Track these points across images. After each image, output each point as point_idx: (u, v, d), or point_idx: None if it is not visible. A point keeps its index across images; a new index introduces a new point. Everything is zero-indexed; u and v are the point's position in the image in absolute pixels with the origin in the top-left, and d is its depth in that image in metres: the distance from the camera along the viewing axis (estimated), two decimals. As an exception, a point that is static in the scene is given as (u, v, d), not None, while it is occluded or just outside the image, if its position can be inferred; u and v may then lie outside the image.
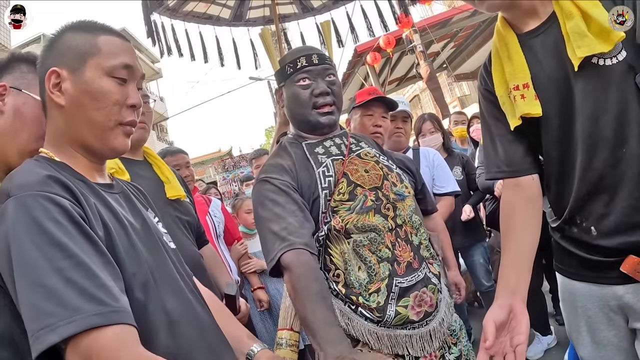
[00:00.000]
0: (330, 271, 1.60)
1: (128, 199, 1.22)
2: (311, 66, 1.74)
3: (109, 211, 1.06)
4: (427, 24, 12.36)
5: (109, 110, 1.09)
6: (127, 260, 1.01)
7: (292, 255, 1.45)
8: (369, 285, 1.53)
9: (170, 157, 3.29)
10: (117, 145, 1.13)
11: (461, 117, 5.72)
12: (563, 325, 3.82)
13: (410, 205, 1.69)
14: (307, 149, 1.75)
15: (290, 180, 1.63)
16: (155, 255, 1.13)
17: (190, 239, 2.09)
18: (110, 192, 1.16)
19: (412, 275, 1.55)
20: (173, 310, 1.08)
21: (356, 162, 1.71)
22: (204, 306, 1.23)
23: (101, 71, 1.10)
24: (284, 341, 1.95)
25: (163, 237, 1.25)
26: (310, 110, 1.73)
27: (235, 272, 3.41)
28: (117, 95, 1.11)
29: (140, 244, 1.08)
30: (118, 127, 1.12)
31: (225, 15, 3.43)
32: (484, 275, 3.99)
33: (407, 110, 3.18)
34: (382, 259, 1.55)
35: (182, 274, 1.22)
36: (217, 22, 3.45)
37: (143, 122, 2.03)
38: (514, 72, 1.40)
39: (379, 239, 1.56)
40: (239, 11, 3.44)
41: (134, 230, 1.10)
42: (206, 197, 3.79)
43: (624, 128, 1.24)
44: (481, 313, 4.60)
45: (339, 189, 1.63)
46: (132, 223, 1.12)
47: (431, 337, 1.55)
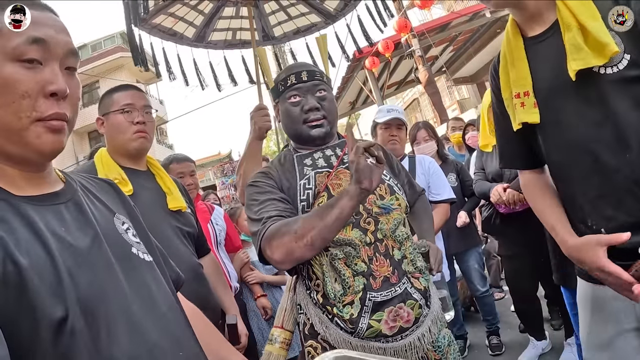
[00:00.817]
0: (312, 280, 1.67)
1: (78, 208, 0.96)
2: (300, 83, 1.80)
3: (31, 235, 0.82)
4: (425, 29, 12.43)
5: (17, 106, 0.85)
6: (42, 302, 0.77)
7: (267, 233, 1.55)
8: (343, 297, 1.56)
9: (176, 165, 3.35)
10: (41, 146, 0.88)
11: (458, 123, 5.79)
12: (558, 330, 3.90)
13: (396, 219, 1.69)
14: (297, 161, 1.81)
15: (273, 183, 1.73)
16: (103, 284, 0.88)
17: (190, 249, 2.12)
18: (47, 204, 0.91)
19: (388, 290, 1.56)
20: (122, 357, 0.84)
21: (343, 175, 1.73)
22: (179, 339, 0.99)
23: (3, 56, 0.85)
24: (275, 338, 2.02)
25: (132, 250, 1.02)
26: (301, 125, 1.80)
27: (235, 279, 3.44)
28: (26, 83, 0.86)
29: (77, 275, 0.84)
30: (36, 125, 0.87)
31: (189, 34, 3.45)
32: (479, 281, 4.03)
33: (401, 118, 3.24)
34: (358, 273, 1.58)
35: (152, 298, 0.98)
36: (180, 40, 3.43)
37: (144, 131, 2.06)
38: (517, 79, 1.45)
39: (354, 253, 1.59)
40: (202, 32, 3.45)
41: (72, 254, 0.86)
42: (209, 205, 3.81)
43: (626, 133, 1.27)
44: (477, 318, 4.64)
45: (318, 203, 1.67)
46: (70, 245, 0.87)
47: (406, 351, 1.58)
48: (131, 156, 2.09)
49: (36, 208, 0.87)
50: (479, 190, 3.50)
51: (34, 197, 0.90)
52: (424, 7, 10.36)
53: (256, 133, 2.44)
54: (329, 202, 1.50)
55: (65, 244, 0.86)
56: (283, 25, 3.70)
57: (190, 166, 3.44)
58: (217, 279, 2.29)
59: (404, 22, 10.76)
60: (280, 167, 1.81)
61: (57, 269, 0.81)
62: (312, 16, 3.65)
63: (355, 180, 1.43)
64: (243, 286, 3.72)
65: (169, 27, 3.32)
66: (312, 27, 3.74)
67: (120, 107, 2.03)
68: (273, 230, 1.53)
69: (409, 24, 11.06)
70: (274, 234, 1.52)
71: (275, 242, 1.52)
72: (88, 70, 24.65)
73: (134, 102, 2.06)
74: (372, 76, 14.21)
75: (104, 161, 2.03)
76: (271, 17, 3.55)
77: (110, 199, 1.11)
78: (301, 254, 1.50)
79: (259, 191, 1.71)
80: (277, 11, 3.57)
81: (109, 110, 2.06)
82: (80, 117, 3.37)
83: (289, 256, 1.51)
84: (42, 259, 0.80)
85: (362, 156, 1.42)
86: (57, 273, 0.80)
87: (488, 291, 4.13)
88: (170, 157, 3.49)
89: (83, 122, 24.33)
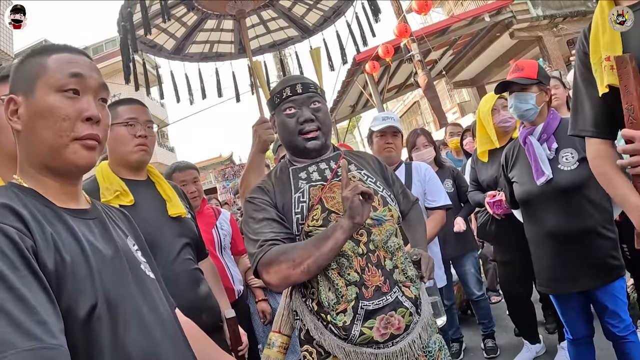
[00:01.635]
0: (308, 288, 1.75)
1: (103, 226, 1.15)
2: (295, 95, 1.87)
3: (72, 238, 1.01)
4: (425, 33, 12.48)
5: (59, 127, 1.05)
6: (80, 291, 0.95)
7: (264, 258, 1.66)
8: (336, 306, 1.65)
9: (179, 173, 3.41)
10: (77, 161, 1.07)
11: (457, 129, 5.82)
12: (552, 333, 3.96)
13: (388, 230, 1.75)
14: (292, 174, 1.88)
15: (269, 200, 1.81)
16: (122, 286, 1.07)
17: (190, 253, 2.19)
18: (81, 217, 1.10)
19: (379, 299, 1.64)
20: (133, 347, 1.01)
21: (336, 188, 1.79)
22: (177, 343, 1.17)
23: (49, 89, 1.06)
24: (273, 342, 2.09)
25: (140, 266, 1.20)
26: (297, 136, 1.86)
27: (238, 282, 3.51)
28: (66, 109, 1.06)
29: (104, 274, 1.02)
30: (74, 143, 1.07)
31: (168, 46, 3.48)
32: (475, 285, 4.09)
33: (396, 125, 3.30)
34: (350, 283, 1.65)
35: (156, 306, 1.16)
36: (159, 52, 3.47)
37: (145, 144, 2.13)
38: (608, 43, 1.51)
39: (347, 264, 1.66)
40: (181, 44, 3.49)
41: (101, 258, 1.04)
42: (216, 208, 3.86)
43: None
44: (473, 321, 4.69)
45: (313, 215, 1.75)
46: (99, 251, 1.05)
47: (398, 357, 1.64)
48: (132, 168, 2.15)
49: (73, 219, 1.07)
50: (473, 200, 3.57)
51: (71, 210, 1.09)
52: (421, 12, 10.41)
53: (259, 146, 2.49)
54: (324, 233, 1.63)
55: (95, 249, 1.04)
56: (260, 39, 3.79)
57: (193, 173, 3.50)
58: (213, 283, 2.35)
59: (404, 27, 10.81)
60: (276, 180, 1.88)
61: (90, 267, 0.99)
62: (290, 30, 3.74)
63: (348, 215, 1.57)
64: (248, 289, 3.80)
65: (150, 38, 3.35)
66: (287, 41, 3.84)
67: (124, 120, 2.10)
68: (271, 256, 1.65)
69: (409, 28, 11.11)
70: (271, 260, 1.64)
71: (273, 268, 1.64)
72: (89, 73, 24.60)
73: (137, 116, 2.13)
74: (372, 80, 14.27)
75: (104, 175, 2.09)
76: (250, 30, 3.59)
77: (124, 225, 1.30)
78: (297, 279, 1.65)
79: (256, 209, 1.79)
80: (257, 25, 3.64)
81: (112, 122, 2.11)
82: None
83: (285, 281, 1.66)
84: (80, 258, 0.99)
85: (357, 195, 1.55)
86: (91, 271, 0.99)
87: (484, 295, 4.17)
88: (172, 166, 3.55)
89: (84, 125, 24.37)
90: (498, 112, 3.43)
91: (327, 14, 3.60)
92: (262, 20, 3.59)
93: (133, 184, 2.12)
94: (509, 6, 14.15)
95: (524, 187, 2.62)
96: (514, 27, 14.39)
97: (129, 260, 1.15)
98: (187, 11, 3.27)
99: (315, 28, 3.70)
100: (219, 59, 3.75)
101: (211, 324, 2.15)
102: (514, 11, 14.25)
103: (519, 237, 2.91)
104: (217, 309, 2.24)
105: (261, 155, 2.54)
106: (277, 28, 3.70)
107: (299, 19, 3.61)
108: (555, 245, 2.51)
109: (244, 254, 3.77)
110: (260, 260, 1.66)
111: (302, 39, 3.78)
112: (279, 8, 3.48)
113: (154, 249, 1.97)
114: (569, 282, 2.47)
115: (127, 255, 1.16)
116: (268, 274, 1.66)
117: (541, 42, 14.84)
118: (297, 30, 3.71)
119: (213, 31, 3.57)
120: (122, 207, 2.02)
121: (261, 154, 2.53)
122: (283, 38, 3.81)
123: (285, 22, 3.65)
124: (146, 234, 1.44)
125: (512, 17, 14.22)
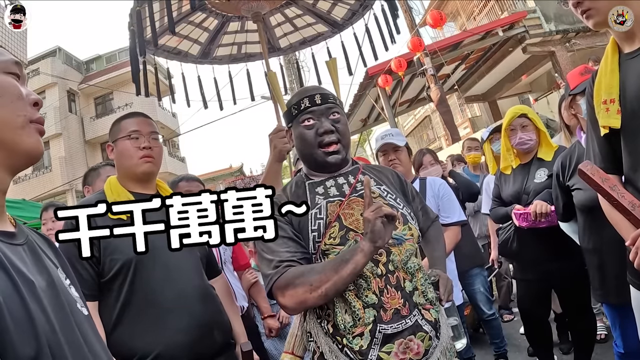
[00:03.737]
0: (323, 309, 1.67)
1: (34, 253, 0.97)
2: (314, 106, 1.80)
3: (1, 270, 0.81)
4: (438, 47, 12.46)
5: (14, 106, 0.94)
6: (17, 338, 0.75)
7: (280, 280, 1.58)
8: (353, 329, 1.57)
9: (185, 183, 3.33)
10: (32, 147, 0.96)
11: (474, 143, 5.76)
12: (567, 354, 3.88)
13: (408, 250, 1.68)
14: (309, 189, 1.81)
15: None
16: (64, 321, 0.90)
17: (198, 270, 2.14)
18: (8, 242, 0.91)
19: (398, 323, 1.56)
20: None
21: (355, 204, 1.72)
22: None
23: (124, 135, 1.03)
24: None
25: (77, 305, 1.01)
26: (316, 149, 1.78)
27: (242, 298, 3.41)
28: (18, 89, 0.97)
29: (42, 308, 0.84)
30: (29, 125, 0.96)
31: (194, 51, 3.48)
32: (486, 304, 4.03)
33: (391, 142, 3.26)
34: (368, 305, 1.57)
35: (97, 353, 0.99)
36: (185, 58, 3.47)
37: (150, 155, 2.09)
38: (606, 87, 1.65)
39: (365, 285, 1.59)
40: (207, 48, 3.49)
41: (36, 291, 0.85)
42: None
43: None
44: (485, 340, 4.61)
45: (330, 233, 1.67)
46: (31, 282, 0.86)
47: None
48: (139, 180, 2.12)
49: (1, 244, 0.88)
50: (495, 215, 3.49)
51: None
52: (436, 27, 10.42)
53: (275, 156, 2.41)
54: (343, 255, 1.54)
55: (28, 282, 0.85)
56: (289, 37, 3.76)
57: (199, 187, 3.38)
58: (227, 303, 2.28)
59: (417, 41, 10.83)
60: (292, 194, 1.82)
61: (27, 308, 0.81)
62: (319, 26, 3.70)
63: (369, 239, 1.49)
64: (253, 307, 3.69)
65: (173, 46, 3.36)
66: (318, 37, 3.80)
67: (127, 134, 2.08)
68: (287, 279, 1.57)
69: (423, 42, 11.11)
70: (288, 284, 1.57)
71: (289, 291, 1.56)
72: (102, 82, 24.87)
73: (140, 128, 2.10)
74: (385, 94, 14.24)
75: (112, 188, 2.07)
76: (277, 29, 3.59)
77: (51, 254, 1.09)
78: (313, 303, 1.58)
79: None
80: (283, 23, 3.61)
81: (117, 137, 2.11)
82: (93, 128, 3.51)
83: (302, 305, 1.59)
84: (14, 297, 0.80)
85: (379, 218, 1.48)
86: (28, 312, 0.80)
87: (495, 314, 4.11)
88: (180, 176, 3.51)
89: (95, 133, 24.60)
90: (515, 133, 3.27)
91: (354, 7, 3.57)
92: (287, 18, 3.56)
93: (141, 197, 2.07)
94: (522, 21, 14.12)
95: (589, 192, 2.53)
96: (527, 42, 14.34)
97: (65, 297, 0.96)
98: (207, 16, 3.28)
99: (345, 22, 3.66)
100: (250, 60, 3.74)
101: (222, 342, 2.10)
102: (526, 26, 14.22)
103: (541, 255, 2.83)
104: (228, 327, 2.18)
105: (278, 164, 2.46)
106: (305, 25, 3.67)
107: (325, 14, 3.57)
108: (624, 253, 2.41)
109: (246, 268, 3.68)
110: (276, 283, 1.59)
111: (333, 34, 3.74)
112: (302, 5, 3.45)
113: (163, 264, 1.94)
114: None
115: (63, 291, 0.97)
116: (284, 297, 1.58)
117: (554, 57, 14.76)
118: (326, 25, 3.67)
119: (238, 33, 3.57)
120: None
121: (278, 164, 2.46)
122: (313, 34, 3.77)
123: (312, 18, 3.61)
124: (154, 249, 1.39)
125: (525, 31, 14.18)
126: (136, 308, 1.92)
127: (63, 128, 23.95)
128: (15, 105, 0.94)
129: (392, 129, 3.93)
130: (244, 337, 2.32)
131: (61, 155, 23.56)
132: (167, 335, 1.89)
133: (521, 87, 19.08)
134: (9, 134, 0.93)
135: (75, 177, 21.05)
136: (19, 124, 0.94)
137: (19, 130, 0.94)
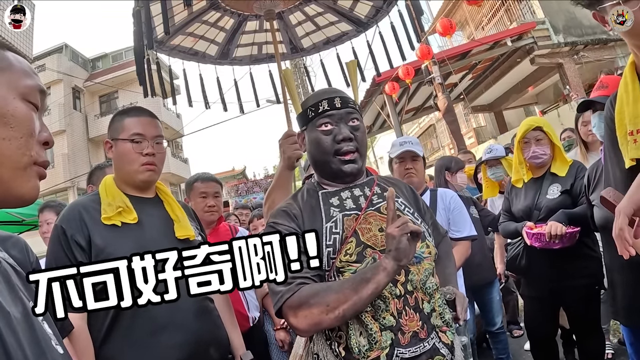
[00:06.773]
0: (334, 331, 1.54)
1: (7, 281, 0.84)
2: (334, 110, 1.66)
3: None
4: (446, 56, 12.43)
5: (23, 142, 0.82)
6: None
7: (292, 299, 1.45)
8: (368, 352, 1.45)
9: (200, 184, 3.21)
10: (28, 192, 0.84)
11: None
12: (573, 372, 3.79)
13: (427, 269, 1.58)
14: (322, 199, 1.68)
15: (295, 227, 1.59)
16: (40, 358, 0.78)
17: None
18: None
19: (416, 346, 1.47)
20: None
21: (372, 219, 1.61)
22: None
23: (14, 91, 0.83)
24: None
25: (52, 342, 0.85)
26: (332, 157, 1.66)
27: (254, 308, 3.29)
28: (33, 124, 0.84)
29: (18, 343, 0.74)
30: (32, 167, 0.84)
31: (212, 52, 3.37)
32: (498, 313, 3.96)
33: (412, 150, 3.16)
34: (385, 327, 1.47)
35: None
36: (202, 58, 3.36)
37: (152, 163, 1.98)
38: (632, 117, 1.55)
39: (383, 306, 1.48)
40: (226, 48, 3.37)
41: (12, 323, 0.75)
42: (233, 226, 3.64)
43: None
44: (489, 355, 4.53)
45: (346, 249, 1.54)
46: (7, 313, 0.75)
47: None
48: (138, 187, 2.02)
49: None
50: (505, 231, 3.41)
51: None
52: (445, 35, 10.39)
53: (286, 162, 2.25)
54: (364, 274, 1.42)
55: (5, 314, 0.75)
56: (312, 36, 3.62)
57: (215, 187, 3.28)
58: (225, 316, 2.17)
59: (426, 49, 10.78)
60: (304, 204, 1.69)
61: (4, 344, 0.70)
62: (342, 25, 3.56)
63: (393, 257, 1.39)
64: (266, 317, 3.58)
65: (189, 47, 3.26)
66: (343, 36, 3.64)
67: (130, 137, 1.96)
68: (300, 298, 1.44)
69: (432, 50, 11.09)
70: (301, 303, 1.43)
71: (303, 311, 1.43)
72: (108, 81, 24.91)
73: (144, 132, 1.98)
74: (391, 101, 14.20)
75: (108, 190, 1.96)
76: (298, 28, 3.46)
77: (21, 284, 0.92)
78: (329, 325, 1.45)
79: None
80: (304, 22, 3.48)
81: (118, 136, 1.98)
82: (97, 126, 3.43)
83: (316, 327, 1.45)
84: None
85: (405, 235, 1.38)
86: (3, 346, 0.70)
87: (503, 328, 4.03)
88: (195, 175, 3.36)
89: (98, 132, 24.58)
90: (529, 147, 3.17)
91: (377, 3, 3.42)
92: (307, 17, 3.42)
93: (138, 200, 1.98)
94: (531, 32, 14.09)
95: (602, 211, 2.46)
96: (535, 53, 14.30)
97: (40, 332, 0.83)
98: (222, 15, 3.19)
99: (369, 20, 3.52)
100: (272, 60, 3.61)
101: (219, 359, 2.00)
102: (535, 37, 14.18)
103: (550, 272, 2.76)
104: (226, 342, 2.07)
105: (288, 172, 2.30)
106: (327, 23, 3.52)
107: (347, 11, 3.42)
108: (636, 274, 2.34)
109: None
110: (288, 302, 1.45)
111: (358, 33, 3.60)
112: (322, 2, 3.30)
113: None
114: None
115: (37, 325, 0.84)
116: (296, 318, 1.44)
117: (561, 68, 14.72)
118: (349, 24, 3.53)
119: (257, 32, 3.45)
120: (125, 225, 1.90)
121: (288, 171, 2.29)
122: (337, 34, 3.62)
123: (335, 17, 3.46)
124: None
125: (534, 42, 14.14)
126: (127, 321, 1.79)
127: (67, 125, 23.97)
128: (24, 141, 0.82)
129: (410, 136, 3.84)
130: (242, 349, 2.21)
131: (64, 152, 23.56)
132: (159, 352, 1.79)
133: (527, 99, 19.07)
134: (7, 172, 0.81)
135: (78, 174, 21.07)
136: (22, 164, 0.82)
137: (19, 171, 0.82)
